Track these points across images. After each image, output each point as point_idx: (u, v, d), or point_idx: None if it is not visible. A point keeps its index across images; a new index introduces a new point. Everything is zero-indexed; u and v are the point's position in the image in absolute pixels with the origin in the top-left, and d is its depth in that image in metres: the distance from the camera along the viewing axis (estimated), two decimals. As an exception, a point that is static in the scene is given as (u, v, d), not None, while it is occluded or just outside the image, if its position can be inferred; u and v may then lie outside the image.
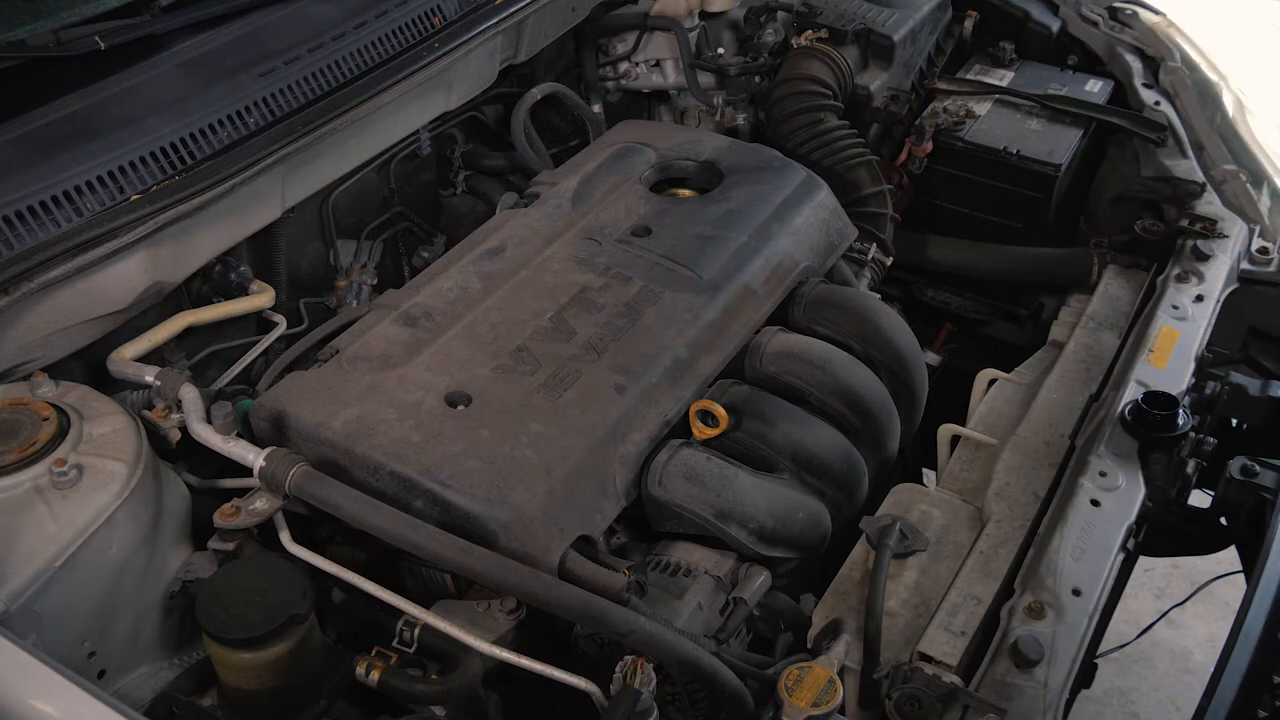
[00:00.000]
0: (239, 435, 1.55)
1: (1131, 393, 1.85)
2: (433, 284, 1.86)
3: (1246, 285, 2.20)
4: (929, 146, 2.50)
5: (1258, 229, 2.27)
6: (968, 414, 2.03)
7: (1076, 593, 1.54)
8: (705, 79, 2.63)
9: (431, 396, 1.63)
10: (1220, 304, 2.11)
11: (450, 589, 1.56)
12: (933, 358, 2.46)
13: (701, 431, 1.70)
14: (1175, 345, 1.98)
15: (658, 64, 2.68)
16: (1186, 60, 2.60)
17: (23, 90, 1.73)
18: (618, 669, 1.34)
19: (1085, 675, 1.60)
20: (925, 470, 2.33)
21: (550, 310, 1.80)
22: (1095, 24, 2.75)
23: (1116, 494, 1.70)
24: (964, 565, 1.64)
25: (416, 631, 1.42)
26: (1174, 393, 1.82)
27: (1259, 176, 2.37)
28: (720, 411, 1.68)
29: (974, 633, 1.53)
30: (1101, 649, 1.74)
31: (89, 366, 1.71)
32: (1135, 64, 2.64)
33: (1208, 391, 1.97)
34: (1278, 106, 2.73)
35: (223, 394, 1.77)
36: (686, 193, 2.16)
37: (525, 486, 1.52)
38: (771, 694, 1.38)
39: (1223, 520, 1.94)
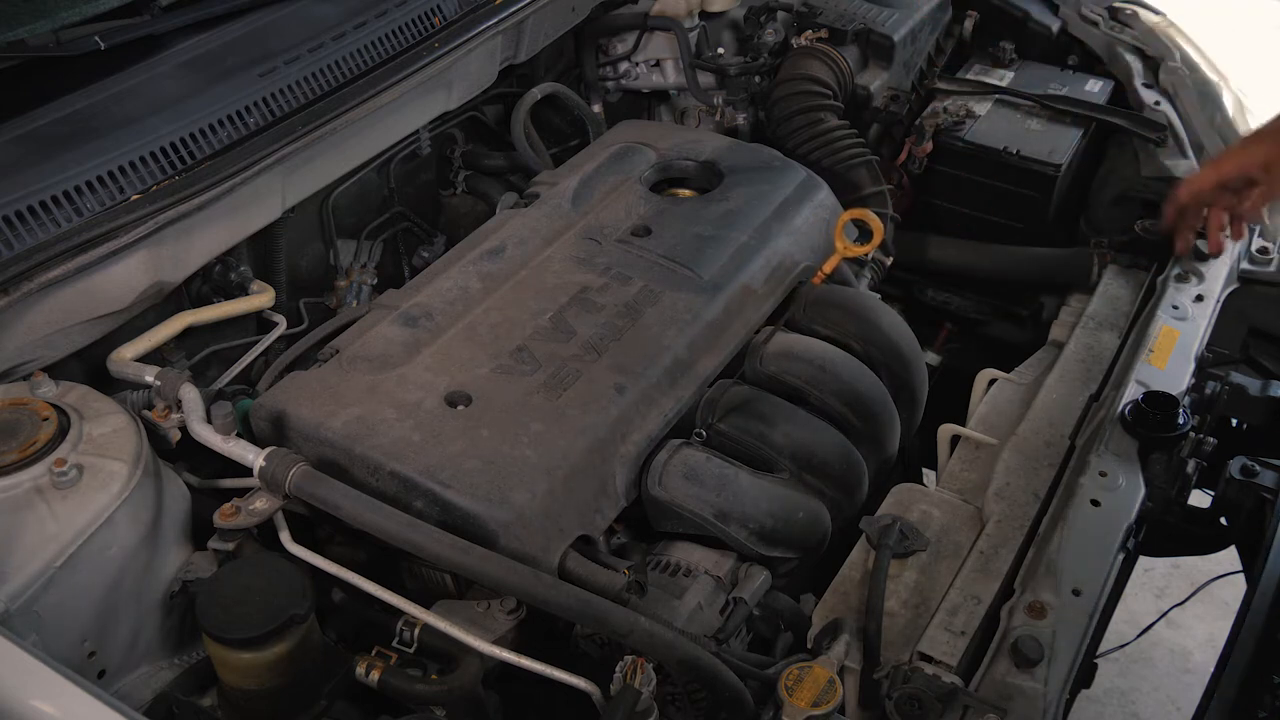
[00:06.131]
0: (239, 435, 1.55)
1: (1131, 393, 1.85)
2: (433, 284, 1.86)
3: (1246, 285, 2.20)
4: (929, 146, 2.50)
5: (1258, 229, 2.27)
6: (968, 414, 2.02)
7: (1076, 593, 1.54)
8: (705, 79, 2.63)
9: (431, 396, 1.63)
10: (1220, 304, 2.11)
11: (450, 589, 1.56)
12: (933, 358, 2.46)
13: (848, 248, 1.68)
14: (1175, 345, 1.98)
15: (658, 64, 2.68)
16: (1186, 60, 2.60)
17: (23, 90, 1.72)
18: (618, 669, 1.34)
19: (1085, 675, 1.60)
20: (925, 470, 2.33)
21: (550, 310, 1.80)
22: (1095, 24, 2.74)
23: (1116, 494, 1.70)
24: (964, 565, 1.64)
25: (416, 631, 1.42)
26: (1174, 393, 1.82)
27: (1259, 177, 2.37)
28: (876, 222, 1.67)
29: (974, 633, 1.53)
30: (1101, 649, 1.74)
31: (89, 366, 1.71)
32: (1135, 64, 2.64)
33: (1208, 391, 1.97)
34: (1278, 107, 2.73)
35: (223, 394, 1.77)
36: (686, 193, 2.16)
37: (525, 486, 1.52)
38: (771, 694, 1.38)
39: (1223, 520, 1.95)
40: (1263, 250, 2.23)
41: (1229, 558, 2.03)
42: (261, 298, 1.92)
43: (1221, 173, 1.92)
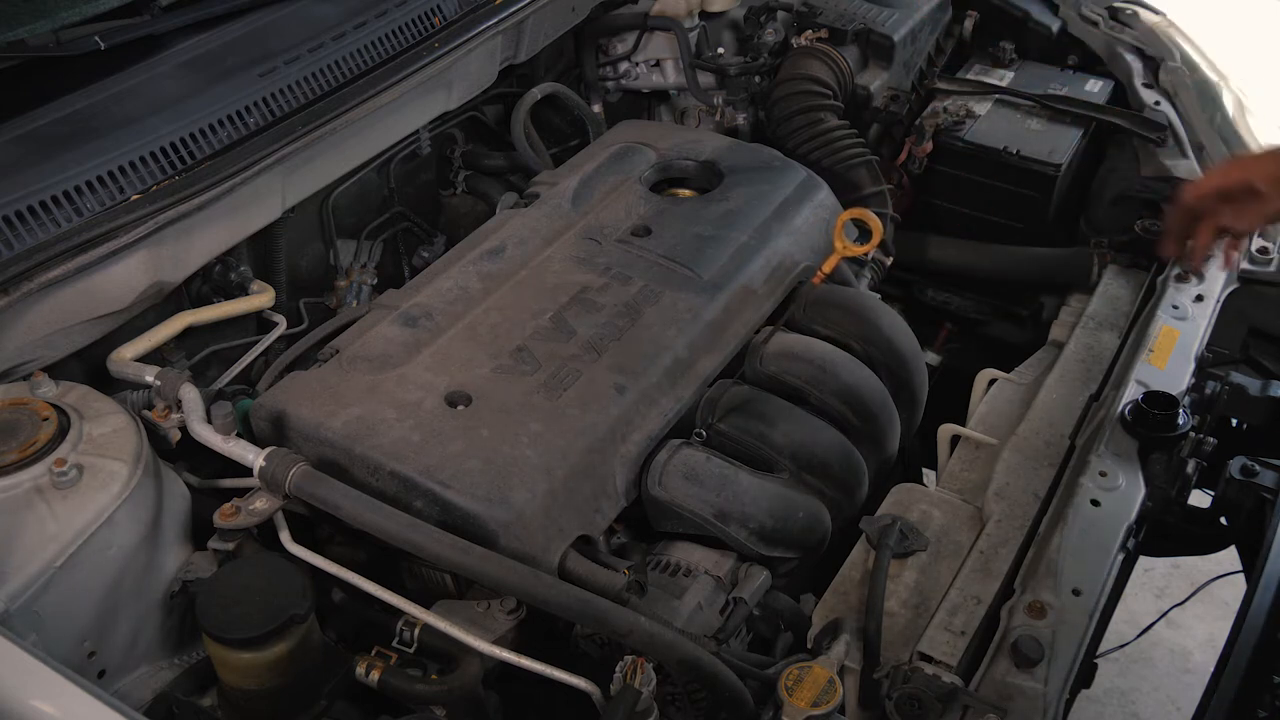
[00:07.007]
0: (239, 435, 1.55)
1: (1131, 393, 1.85)
2: (433, 284, 1.86)
3: (1246, 285, 2.20)
4: (929, 146, 2.50)
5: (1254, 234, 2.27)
6: (968, 414, 2.02)
7: (1076, 593, 1.54)
8: (705, 79, 2.63)
9: (431, 396, 1.63)
10: (1220, 304, 2.11)
11: (450, 589, 1.56)
12: (933, 358, 2.46)
13: (848, 248, 1.68)
14: (1175, 345, 1.98)
15: (658, 64, 2.68)
16: (1186, 60, 2.60)
17: (23, 90, 1.73)
18: (618, 669, 1.34)
19: (1085, 675, 1.60)
20: (925, 470, 2.33)
21: (550, 310, 1.80)
22: (1095, 24, 2.75)
23: (1116, 494, 1.70)
24: (964, 565, 1.64)
25: (416, 631, 1.42)
26: (1174, 393, 1.82)
27: (1259, 177, 2.36)
28: (876, 222, 1.66)
29: (974, 633, 1.53)
30: (1101, 649, 1.74)
31: (89, 366, 1.71)
32: (1135, 64, 2.64)
33: (1208, 391, 1.97)
34: (1278, 106, 2.73)
35: (223, 394, 1.77)
36: (686, 193, 2.16)
37: (525, 486, 1.52)
38: (771, 694, 1.38)
39: (1223, 520, 1.95)
40: (1263, 250, 2.23)
41: (1229, 558, 2.03)
42: (261, 298, 1.92)
43: (1227, 179, 1.83)
